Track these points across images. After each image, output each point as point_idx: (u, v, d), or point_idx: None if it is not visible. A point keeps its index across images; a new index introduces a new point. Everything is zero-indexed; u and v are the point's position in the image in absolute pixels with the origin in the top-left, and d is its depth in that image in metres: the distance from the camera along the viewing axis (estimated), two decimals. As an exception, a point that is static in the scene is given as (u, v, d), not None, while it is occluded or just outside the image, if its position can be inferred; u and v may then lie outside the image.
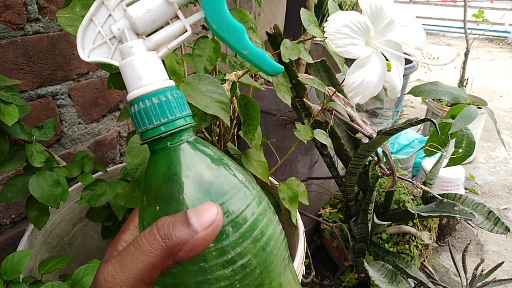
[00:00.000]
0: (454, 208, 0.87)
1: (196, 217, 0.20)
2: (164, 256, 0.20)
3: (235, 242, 0.22)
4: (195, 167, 0.24)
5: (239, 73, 0.58)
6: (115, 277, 0.20)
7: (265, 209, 0.25)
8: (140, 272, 0.20)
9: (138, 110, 0.24)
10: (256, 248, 0.23)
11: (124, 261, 0.20)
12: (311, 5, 0.97)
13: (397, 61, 0.42)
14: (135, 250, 0.20)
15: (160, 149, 0.25)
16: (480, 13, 1.82)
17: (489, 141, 2.33)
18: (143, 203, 0.24)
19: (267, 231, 0.24)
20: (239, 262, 0.22)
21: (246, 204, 0.24)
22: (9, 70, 0.70)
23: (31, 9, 0.71)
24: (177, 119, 0.24)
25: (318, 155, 1.15)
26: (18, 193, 0.57)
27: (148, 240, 0.20)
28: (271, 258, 0.24)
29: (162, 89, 0.24)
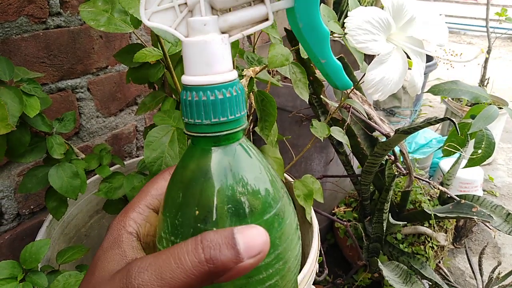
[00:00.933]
0: (471, 209, 0.85)
1: (244, 243, 0.19)
2: (204, 279, 0.19)
3: (269, 264, 0.21)
4: (245, 175, 0.21)
5: (256, 69, 0.58)
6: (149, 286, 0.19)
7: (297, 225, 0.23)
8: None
9: (196, 100, 0.21)
10: (285, 270, 0.22)
11: (163, 275, 0.19)
12: (330, 1, 0.96)
13: (418, 58, 0.42)
14: (176, 267, 0.19)
15: (207, 148, 0.22)
16: (503, 11, 1.78)
17: (509, 143, 2.28)
18: (177, 200, 0.22)
19: (295, 251, 0.23)
20: (267, 282, 0.21)
21: (284, 223, 0.22)
22: (31, 63, 0.71)
23: (53, 3, 0.72)
24: (235, 120, 0.21)
25: (334, 153, 1.14)
26: (38, 184, 0.59)
27: (192, 260, 0.19)
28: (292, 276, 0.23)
29: (228, 83, 0.21)
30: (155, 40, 0.57)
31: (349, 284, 1.17)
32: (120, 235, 0.25)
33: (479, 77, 1.92)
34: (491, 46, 1.78)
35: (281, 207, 0.22)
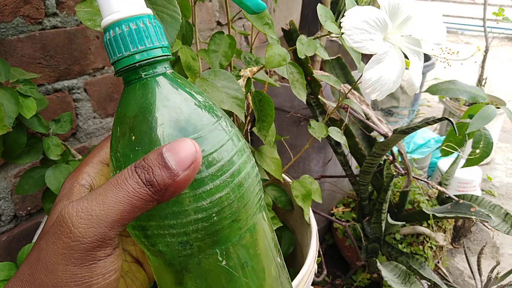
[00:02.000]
0: (470, 209, 0.85)
1: (174, 159, 0.20)
2: (148, 200, 0.20)
3: (214, 175, 0.22)
4: (172, 99, 0.23)
5: (254, 69, 0.58)
6: (91, 214, 0.19)
7: (243, 147, 0.25)
8: (122, 213, 0.19)
9: (113, 36, 0.22)
10: (234, 183, 0.23)
11: (105, 200, 0.19)
12: (327, 1, 0.96)
13: (416, 57, 0.42)
14: (117, 190, 0.19)
15: (135, 80, 0.23)
16: (500, 11, 1.78)
17: (507, 142, 2.28)
18: (117, 134, 0.23)
19: (245, 168, 0.24)
20: (217, 194, 0.22)
21: (225, 139, 0.23)
22: (27, 64, 0.71)
23: (49, 4, 0.72)
24: (154, 48, 0.23)
25: (332, 153, 1.14)
26: (34, 185, 0.58)
27: (132, 183, 0.20)
28: (248, 195, 0.24)
29: (139, 15, 0.23)
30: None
31: (348, 285, 1.17)
32: (72, 188, 0.25)
33: (476, 76, 1.92)
34: (488, 45, 1.78)
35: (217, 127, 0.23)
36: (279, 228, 0.72)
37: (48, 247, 0.20)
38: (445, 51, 0.43)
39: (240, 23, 1.30)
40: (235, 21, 1.25)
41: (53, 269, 0.19)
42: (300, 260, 0.68)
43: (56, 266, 0.19)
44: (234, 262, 0.24)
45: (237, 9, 0.45)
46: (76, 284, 0.20)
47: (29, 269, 0.20)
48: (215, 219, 0.22)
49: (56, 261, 0.19)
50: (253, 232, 0.25)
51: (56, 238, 0.19)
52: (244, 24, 1.31)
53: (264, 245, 0.26)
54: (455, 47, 4.04)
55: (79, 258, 0.19)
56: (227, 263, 0.24)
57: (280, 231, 0.75)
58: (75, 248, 0.19)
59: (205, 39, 1.10)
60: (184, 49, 0.53)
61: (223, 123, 0.24)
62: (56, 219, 0.20)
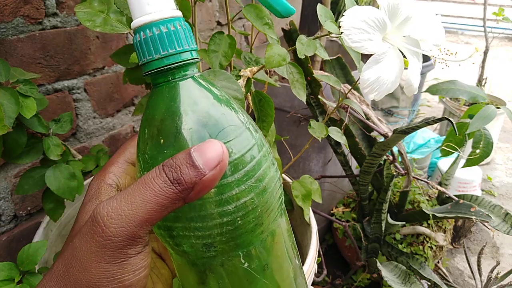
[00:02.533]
0: (470, 209, 0.85)
1: (201, 158, 0.20)
2: (175, 199, 0.20)
3: (240, 180, 0.22)
4: (200, 103, 0.23)
5: (254, 69, 0.58)
6: (121, 214, 0.20)
7: (267, 152, 0.25)
8: (150, 212, 0.20)
9: (144, 39, 0.23)
10: (259, 188, 0.23)
11: (133, 199, 0.20)
12: (327, 1, 0.96)
13: (414, 58, 0.42)
14: (145, 190, 0.20)
15: (164, 82, 0.23)
16: (500, 11, 1.78)
17: (507, 142, 2.28)
18: (145, 136, 0.24)
19: (269, 173, 0.24)
20: (242, 199, 0.22)
21: (251, 144, 0.23)
22: (27, 64, 0.71)
23: (49, 4, 0.72)
24: (184, 52, 0.23)
25: (332, 153, 1.14)
26: (34, 185, 0.58)
27: (159, 182, 0.20)
28: (271, 200, 0.24)
29: (171, 18, 0.23)
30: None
31: (348, 285, 1.17)
32: (100, 188, 0.25)
33: (477, 76, 1.92)
34: (488, 45, 1.78)
35: (244, 131, 0.24)
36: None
37: (82, 245, 0.20)
38: (443, 52, 0.43)
39: (240, 23, 1.30)
40: (235, 21, 1.25)
41: (87, 266, 0.20)
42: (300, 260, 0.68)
43: (89, 264, 0.20)
44: (256, 265, 0.24)
45: (237, 9, 0.46)
46: (109, 280, 0.20)
47: (63, 266, 0.21)
48: (240, 223, 0.23)
49: (90, 259, 0.20)
50: (274, 235, 0.25)
51: (89, 237, 0.20)
52: (244, 24, 1.31)
53: (284, 248, 0.26)
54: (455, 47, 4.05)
55: (111, 256, 0.20)
56: (249, 265, 0.24)
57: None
58: (107, 247, 0.20)
59: (205, 39, 1.10)
60: (184, 49, 0.53)
61: (250, 127, 0.24)
62: (88, 219, 0.21)
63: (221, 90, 0.25)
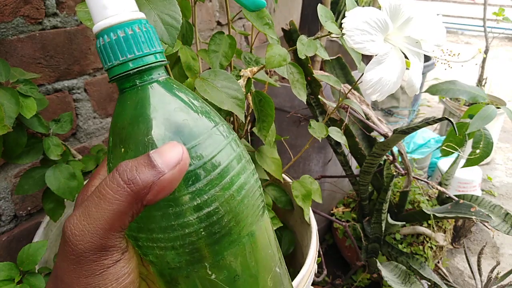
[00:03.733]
0: (470, 209, 0.85)
1: (160, 158, 0.19)
2: (131, 202, 0.19)
3: (202, 189, 0.21)
4: (164, 108, 0.22)
5: (254, 69, 0.58)
6: (82, 230, 0.19)
7: (239, 157, 0.23)
8: (109, 221, 0.19)
9: (103, 44, 0.22)
10: (225, 197, 0.22)
11: (89, 212, 0.19)
12: (327, 1, 0.96)
13: (416, 58, 0.42)
14: (98, 199, 0.19)
15: (127, 88, 0.23)
16: (500, 11, 1.78)
17: (507, 142, 2.28)
18: (110, 145, 0.23)
19: (238, 180, 0.23)
20: (205, 209, 0.21)
21: (217, 149, 0.22)
22: (27, 64, 0.71)
23: (49, 4, 0.72)
24: (146, 55, 0.22)
25: (332, 153, 1.14)
26: (34, 185, 0.58)
27: (111, 187, 0.19)
28: (241, 208, 0.23)
29: (129, 21, 0.22)
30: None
31: (348, 285, 1.17)
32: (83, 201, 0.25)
33: (477, 77, 1.92)
34: (488, 45, 1.78)
35: (210, 136, 0.22)
36: (279, 228, 0.72)
37: (60, 264, 0.20)
38: (446, 53, 0.43)
39: (240, 23, 1.30)
40: (235, 21, 1.25)
41: (70, 283, 0.20)
42: (300, 260, 0.68)
43: (71, 280, 0.20)
44: (224, 276, 0.23)
45: (237, 9, 0.46)
46: None
47: (52, 285, 0.22)
48: (203, 234, 0.22)
49: (70, 276, 0.20)
50: (246, 244, 0.24)
51: (64, 256, 0.20)
52: (244, 24, 1.31)
53: (260, 256, 0.25)
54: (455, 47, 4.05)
55: (88, 270, 0.20)
56: (217, 276, 0.23)
57: (280, 231, 0.75)
58: (81, 262, 0.20)
59: (205, 39, 1.10)
60: (184, 49, 0.53)
61: (217, 131, 0.23)
62: (61, 238, 0.21)
63: (189, 93, 0.24)
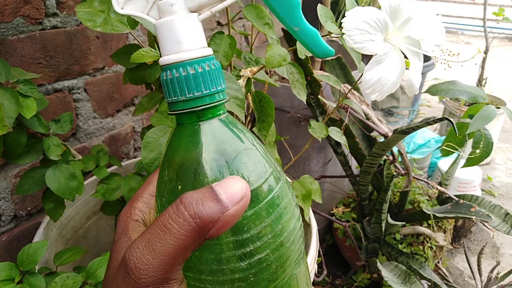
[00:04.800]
0: (470, 209, 0.85)
1: (225, 192, 0.19)
2: (195, 237, 0.19)
3: (255, 236, 0.21)
4: (224, 147, 0.22)
5: (254, 69, 0.58)
6: (147, 264, 0.19)
7: (290, 203, 0.23)
8: (173, 256, 0.19)
9: (171, 78, 0.22)
10: (276, 244, 0.22)
11: (154, 246, 0.19)
12: (327, 1, 0.96)
13: (415, 58, 0.42)
14: (163, 234, 0.19)
15: (188, 123, 0.22)
16: (500, 11, 1.78)
17: (507, 142, 2.28)
18: (164, 178, 0.23)
19: (288, 226, 0.22)
20: (256, 256, 0.21)
21: (272, 195, 0.22)
22: (27, 64, 0.71)
23: (49, 4, 0.72)
24: (211, 94, 0.22)
25: (332, 153, 1.14)
26: (34, 185, 0.58)
27: (177, 221, 0.19)
28: (288, 253, 0.23)
29: (200, 58, 0.22)
30: (151, 40, 0.57)
31: (348, 285, 1.17)
32: (127, 224, 0.25)
33: (477, 77, 1.92)
34: (488, 46, 1.78)
35: (268, 180, 0.22)
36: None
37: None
38: (445, 53, 0.43)
39: (240, 23, 1.30)
40: (235, 21, 1.25)
41: None
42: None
43: None
44: None
45: (237, 9, 0.46)
46: None
47: None
48: (252, 279, 0.22)
49: None
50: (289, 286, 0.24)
51: (125, 284, 0.20)
52: (244, 24, 1.31)
53: None
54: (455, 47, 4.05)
55: None
56: None
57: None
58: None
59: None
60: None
61: (273, 175, 0.23)
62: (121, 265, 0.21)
63: (247, 132, 0.23)
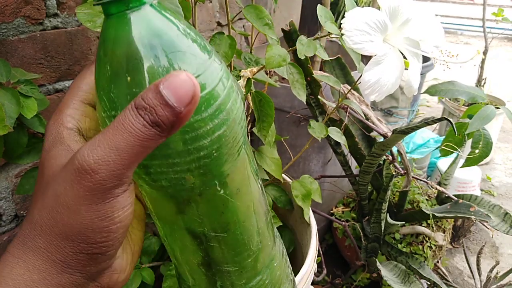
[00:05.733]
0: (469, 209, 0.85)
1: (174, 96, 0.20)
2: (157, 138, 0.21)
3: (213, 114, 0.23)
4: (165, 35, 0.22)
5: (254, 69, 0.58)
6: (108, 161, 0.21)
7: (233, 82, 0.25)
8: (136, 155, 0.21)
9: None
10: (230, 119, 0.23)
11: (118, 145, 0.20)
12: (327, 2, 0.96)
13: (414, 59, 0.42)
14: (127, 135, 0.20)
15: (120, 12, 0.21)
16: (499, 12, 1.78)
17: (506, 142, 2.29)
18: (106, 74, 0.22)
19: (236, 103, 0.24)
20: (216, 132, 0.23)
21: (219, 76, 0.23)
22: (28, 65, 0.71)
23: (50, 4, 0.72)
24: None
25: (332, 153, 1.14)
26: (35, 185, 0.58)
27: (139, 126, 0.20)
28: (240, 129, 0.25)
29: None
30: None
31: (347, 284, 1.17)
32: (60, 132, 0.25)
33: (476, 77, 1.93)
34: (487, 46, 1.79)
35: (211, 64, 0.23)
36: (279, 228, 0.73)
37: (67, 191, 0.21)
38: (445, 54, 0.43)
39: (240, 24, 1.30)
40: (235, 22, 1.26)
41: (77, 210, 0.21)
42: (300, 260, 0.68)
43: (79, 207, 0.21)
44: (230, 190, 0.26)
45: (237, 9, 0.46)
46: (100, 219, 0.22)
47: (48, 214, 0.22)
48: (215, 155, 0.23)
49: (79, 202, 0.21)
50: (242, 161, 0.27)
51: (76, 183, 0.21)
52: (244, 24, 1.32)
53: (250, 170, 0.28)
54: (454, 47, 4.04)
55: (101, 197, 0.21)
56: (225, 191, 0.26)
57: (280, 231, 0.75)
58: (96, 190, 0.21)
59: (206, 39, 1.10)
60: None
61: (215, 59, 0.24)
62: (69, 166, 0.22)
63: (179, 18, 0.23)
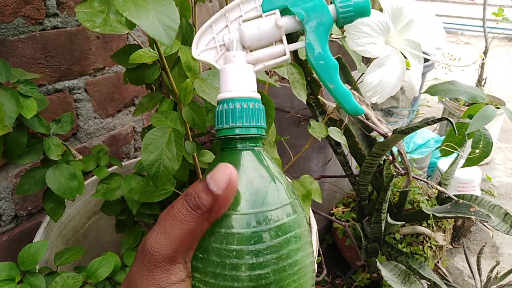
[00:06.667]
0: (469, 209, 0.85)
1: (214, 183, 0.24)
2: (199, 223, 0.24)
3: (260, 251, 0.24)
4: (251, 172, 0.26)
5: (254, 69, 0.58)
6: (159, 244, 0.24)
7: (301, 236, 0.26)
8: (181, 238, 0.24)
9: (221, 110, 0.27)
10: (278, 266, 0.24)
11: (166, 230, 0.24)
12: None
13: (416, 61, 0.42)
14: (173, 220, 0.24)
15: (227, 148, 0.27)
16: (500, 12, 1.78)
17: (507, 142, 2.29)
18: None
19: (295, 255, 0.25)
20: (257, 270, 0.24)
21: (284, 221, 0.25)
22: (28, 64, 0.71)
23: (49, 4, 0.72)
24: (250, 127, 0.27)
25: (332, 153, 1.14)
26: (35, 185, 0.58)
27: (183, 212, 0.24)
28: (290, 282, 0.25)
29: (246, 98, 0.27)
30: (151, 41, 0.57)
31: (347, 284, 1.17)
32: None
33: (476, 77, 1.92)
34: (488, 46, 1.78)
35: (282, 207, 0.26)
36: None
37: (135, 270, 0.26)
38: (446, 57, 0.43)
39: (240, 23, 1.30)
40: (235, 21, 1.25)
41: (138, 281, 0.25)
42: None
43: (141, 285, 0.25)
44: None
45: (237, 10, 0.45)
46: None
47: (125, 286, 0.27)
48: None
49: (142, 282, 0.25)
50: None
51: (141, 263, 0.25)
52: (244, 24, 1.31)
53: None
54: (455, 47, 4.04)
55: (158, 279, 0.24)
56: None
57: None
58: (154, 271, 0.24)
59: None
60: (184, 49, 0.53)
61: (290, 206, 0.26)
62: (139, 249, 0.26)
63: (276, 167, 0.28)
